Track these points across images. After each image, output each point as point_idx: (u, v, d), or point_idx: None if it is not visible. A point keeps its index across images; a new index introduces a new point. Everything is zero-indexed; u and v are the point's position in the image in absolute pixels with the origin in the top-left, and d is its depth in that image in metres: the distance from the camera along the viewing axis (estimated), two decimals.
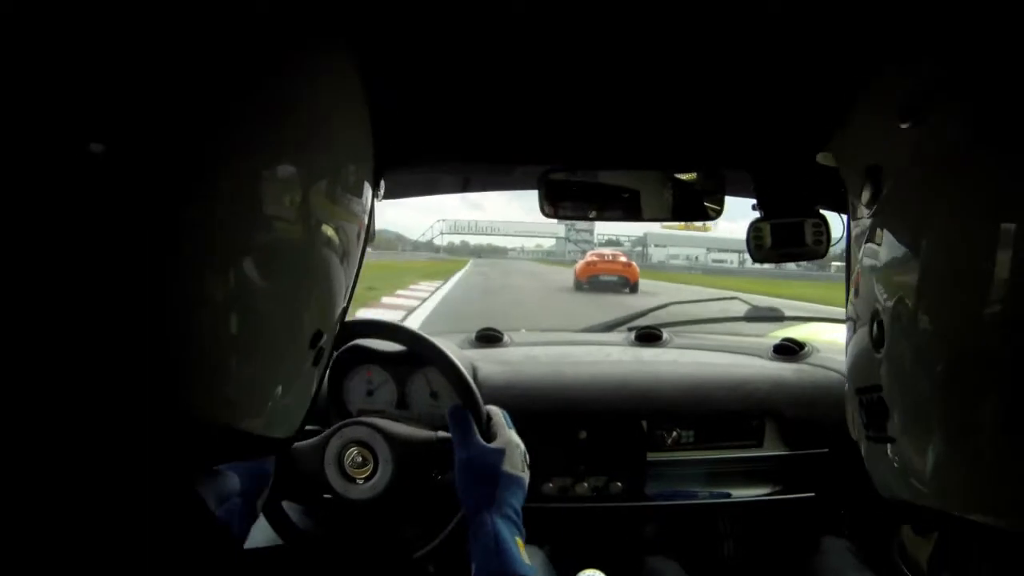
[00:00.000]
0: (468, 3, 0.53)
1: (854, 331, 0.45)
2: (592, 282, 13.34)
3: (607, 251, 16.71)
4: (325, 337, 0.39)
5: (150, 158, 0.28)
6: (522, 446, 0.78)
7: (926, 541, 0.44)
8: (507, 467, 0.73)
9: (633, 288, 13.27)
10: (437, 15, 0.55)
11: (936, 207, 0.36)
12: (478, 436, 0.76)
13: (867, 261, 0.42)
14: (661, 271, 32.37)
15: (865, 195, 0.42)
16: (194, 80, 0.29)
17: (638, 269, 14.56)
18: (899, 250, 0.38)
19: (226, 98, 0.30)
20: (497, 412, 0.83)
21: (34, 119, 0.26)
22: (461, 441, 0.76)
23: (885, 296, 0.39)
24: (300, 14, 0.35)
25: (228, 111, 0.30)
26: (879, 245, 0.40)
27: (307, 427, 0.92)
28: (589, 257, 14.97)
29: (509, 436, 0.78)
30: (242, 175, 0.31)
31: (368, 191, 0.43)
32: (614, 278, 13.49)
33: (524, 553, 0.66)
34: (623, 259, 14.61)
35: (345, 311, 0.43)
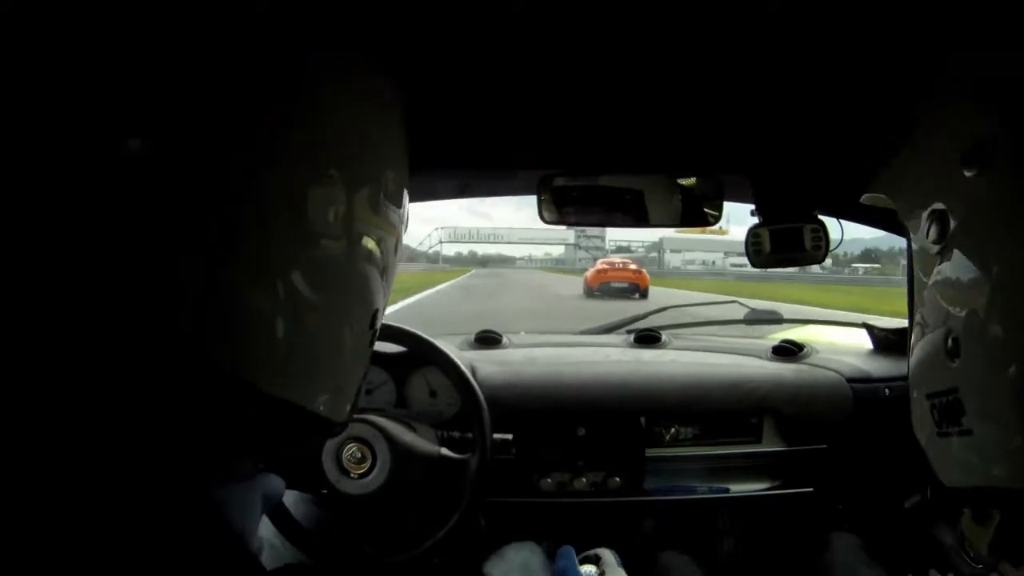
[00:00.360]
0: (469, 6, 0.54)
1: (921, 337, 0.51)
2: (603, 288, 13.80)
3: (617, 259, 17.50)
4: (378, 319, 0.40)
5: (216, 154, 0.29)
6: None
7: (986, 529, 0.50)
8: None
9: (643, 294, 13.60)
10: (438, 18, 0.55)
11: (1004, 241, 0.42)
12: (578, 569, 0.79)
13: (936, 281, 0.48)
14: (678, 277, 28.93)
15: (932, 234, 0.47)
16: (233, 80, 0.30)
17: (648, 276, 14.97)
18: (969, 275, 0.44)
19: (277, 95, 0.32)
20: (609, 561, 0.84)
21: (84, 123, 0.27)
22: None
23: (958, 313, 0.45)
24: (331, 22, 0.36)
25: (286, 103, 0.32)
26: (949, 272, 0.46)
27: None
28: (600, 265, 15.55)
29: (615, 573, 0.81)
30: (295, 180, 0.33)
31: (406, 194, 0.43)
32: (625, 284, 13.96)
33: None
34: (633, 266, 15.20)
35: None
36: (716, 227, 0.93)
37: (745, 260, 0.88)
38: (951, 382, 0.46)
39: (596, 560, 0.83)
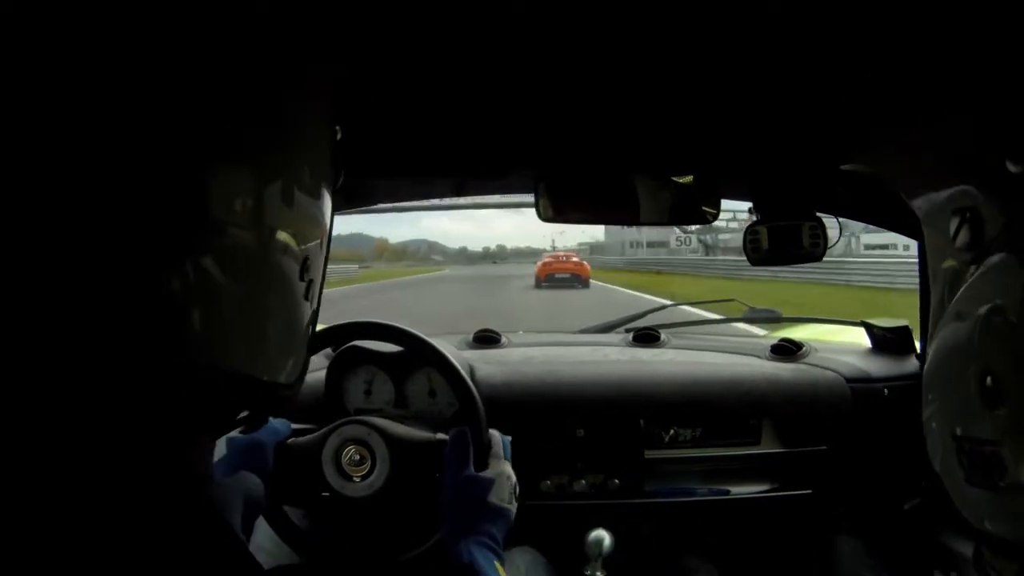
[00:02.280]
0: (463, 5, 0.53)
1: (942, 363, 0.44)
2: (549, 279, 15.22)
3: (560, 252, 18.73)
4: (312, 267, 0.39)
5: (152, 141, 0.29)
6: (513, 478, 0.79)
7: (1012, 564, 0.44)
8: (493, 498, 0.74)
9: (584, 283, 15.04)
10: (432, 19, 0.55)
11: None
12: (471, 465, 0.77)
13: (966, 300, 0.40)
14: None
15: (961, 239, 0.40)
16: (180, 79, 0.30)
17: (589, 267, 16.52)
18: (1019, 298, 0.36)
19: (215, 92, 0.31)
20: (497, 440, 0.83)
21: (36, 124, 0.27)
22: (453, 466, 0.77)
23: (998, 348, 0.38)
24: (287, 26, 0.35)
25: (224, 101, 0.31)
26: (986, 291, 0.39)
27: (304, 426, 0.94)
28: (546, 258, 16.95)
29: (502, 468, 0.79)
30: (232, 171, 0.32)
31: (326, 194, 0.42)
32: (567, 275, 15.47)
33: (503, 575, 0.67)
34: (575, 259, 16.79)
35: (322, 282, 0.42)
36: None
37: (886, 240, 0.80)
38: (990, 432, 0.39)
39: None
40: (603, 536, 1.04)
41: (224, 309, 0.32)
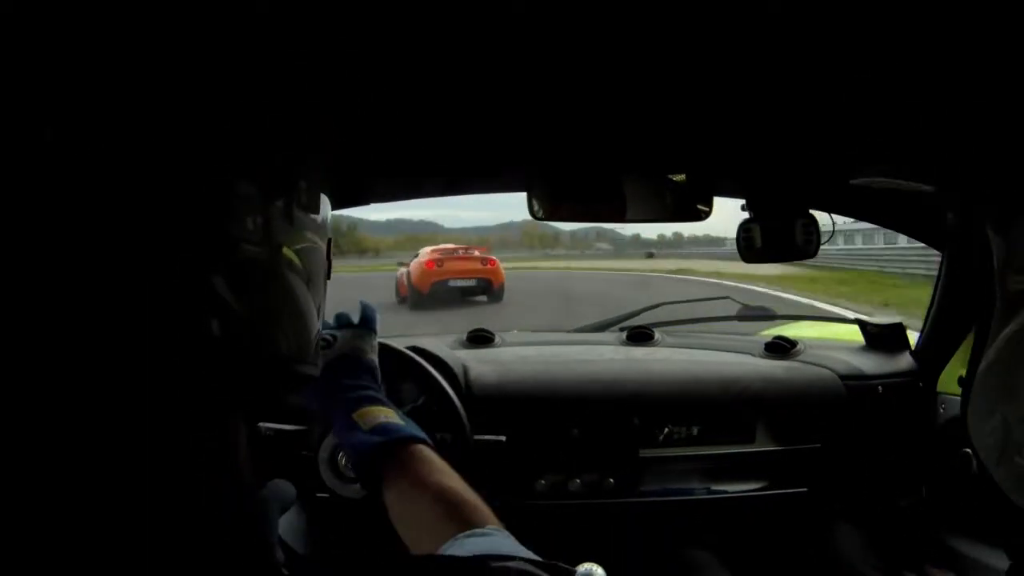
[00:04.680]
0: (461, 4, 0.52)
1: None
2: (438, 290, 8.86)
3: (454, 245, 11.10)
4: (330, 259, 0.42)
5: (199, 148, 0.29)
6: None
7: None
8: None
9: (496, 295, 9.17)
10: (427, 19, 0.54)
11: None
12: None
13: None
14: None
15: None
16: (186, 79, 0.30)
17: (502, 269, 9.80)
18: None
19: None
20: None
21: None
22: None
23: None
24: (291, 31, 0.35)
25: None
26: None
27: (300, 427, 0.93)
28: (428, 255, 9.57)
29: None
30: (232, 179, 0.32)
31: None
32: (471, 282, 9.17)
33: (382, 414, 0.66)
34: (476, 253, 10.25)
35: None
36: None
37: None
38: None
39: None
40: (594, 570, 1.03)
41: (263, 298, 0.34)
